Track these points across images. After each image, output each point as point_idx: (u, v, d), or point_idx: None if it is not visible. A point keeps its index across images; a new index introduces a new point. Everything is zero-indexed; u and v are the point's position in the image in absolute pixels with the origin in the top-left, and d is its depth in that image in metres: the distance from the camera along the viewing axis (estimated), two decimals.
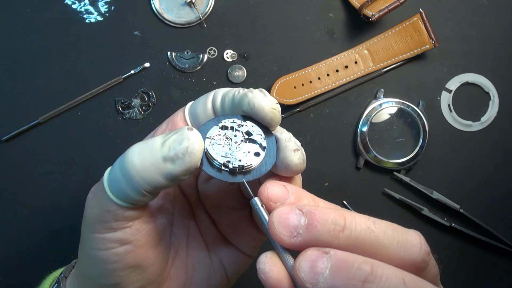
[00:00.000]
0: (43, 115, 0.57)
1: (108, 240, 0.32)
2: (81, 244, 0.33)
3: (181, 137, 0.29)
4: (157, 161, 0.29)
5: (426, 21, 0.57)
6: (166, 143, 0.29)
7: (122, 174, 0.29)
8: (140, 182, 0.29)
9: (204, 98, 0.34)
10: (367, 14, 0.56)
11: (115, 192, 0.30)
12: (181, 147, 0.28)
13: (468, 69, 0.60)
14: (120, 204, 0.30)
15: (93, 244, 0.32)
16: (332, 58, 0.59)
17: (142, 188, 0.29)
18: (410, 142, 0.60)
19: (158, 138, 0.29)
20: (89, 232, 0.32)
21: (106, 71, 0.58)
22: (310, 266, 0.24)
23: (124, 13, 0.59)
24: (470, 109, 0.61)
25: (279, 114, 0.32)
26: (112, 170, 0.30)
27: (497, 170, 0.61)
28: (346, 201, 0.60)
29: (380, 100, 0.60)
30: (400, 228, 0.27)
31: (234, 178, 0.31)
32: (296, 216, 0.26)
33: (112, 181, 0.30)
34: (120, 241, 0.32)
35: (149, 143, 0.29)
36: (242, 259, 0.39)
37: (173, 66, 0.59)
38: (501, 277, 0.60)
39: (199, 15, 0.58)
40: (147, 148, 0.29)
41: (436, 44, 0.58)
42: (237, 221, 0.38)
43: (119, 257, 0.32)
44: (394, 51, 0.59)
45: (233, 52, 0.59)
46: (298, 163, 0.31)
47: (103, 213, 0.31)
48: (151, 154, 0.29)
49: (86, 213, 0.32)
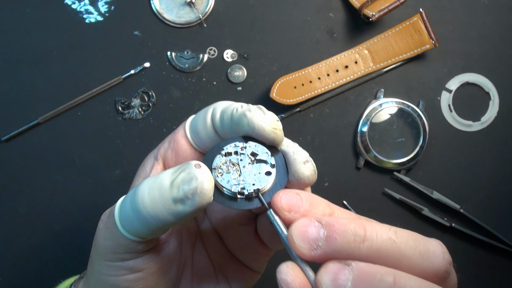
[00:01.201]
0: (43, 115, 0.57)
1: (119, 267, 0.32)
2: (91, 267, 0.33)
3: (189, 176, 0.28)
4: (167, 203, 0.28)
5: (426, 21, 0.57)
6: (175, 184, 0.28)
7: (133, 213, 0.29)
8: (151, 221, 0.29)
9: (204, 113, 0.33)
10: (367, 14, 0.56)
11: (127, 228, 0.30)
12: (190, 187, 0.28)
13: (468, 69, 0.60)
14: (133, 239, 0.30)
15: (104, 270, 0.32)
16: (332, 58, 0.59)
17: (154, 226, 0.29)
18: (410, 142, 0.60)
19: (167, 176, 0.29)
20: (100, 259, 0.32)
21: (106, 71, 0.58)
22: (332, 279, 0.24)
23: (124, 13, 0.59)
24: (470, 109, 0.61)
25: (281, 132, 0.31)
26: (123, 207, 0.30)
27: (497, 170, 0.61)
28: (346, 201, 0.60)
29: (380, 100, 0.60)
30: (422, 238, 0.26)
31: (251, 203, 0.30)
32: (315, 229, 0.26)
33: (123, 218, 0.30)
34: (131, 269, 0.32)
35: (158, 181, 0.29)
36: (250, 275, 0.39)
37: (173, 66, 0.59)
38: (501, 277, 0.60)
39: (199, 15, 0.58)
40: (157, 188, 0.28)
41: (436, 44, 0.58)
42: (243, 237, 0.37)
43: (130, 283, 0.32)
44: (394, 51, 0.59)
45: (233, 52, 0.59)
46: (309, 174, 0.31)
47: (116, 245, 0.31)
48: (161, 195, 0.28)
49: (98, 243, 0.32)
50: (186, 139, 0.34)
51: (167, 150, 0.35)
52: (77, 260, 0.57)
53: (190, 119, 0.35)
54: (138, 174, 0.36)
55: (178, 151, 0.34)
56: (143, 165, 0.36)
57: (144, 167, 0.36)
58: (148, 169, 0.35)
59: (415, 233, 0.26)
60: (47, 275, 0.58)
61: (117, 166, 0.58)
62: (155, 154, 0.35)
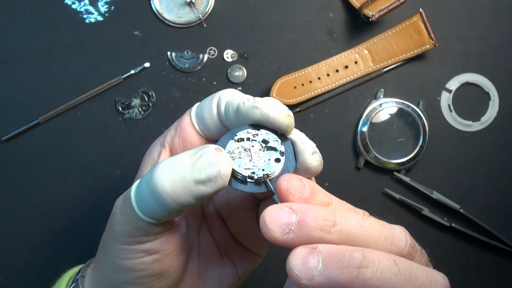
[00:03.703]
0: (43, 115, 0.57)
1: (136, 250, 0.32)
2: (106, 252, 0.34)
3: (211, 159, 0.29)
4: (188, 184, 0.29)
5: (426, 21, 0.57)
6: (196, 166, 0.29)
7: (151, 196, 0.30)
8: (171, 203, 0.29)
9: (209, 101, 0.34)
10: (367, 14, 0.56)
11: (144, 211, 0.31)
12: (213, 170, 0.29)
13: (468, 69, 0.60)
14: (150, 221, 0.31)
15: (121, 254, 0.32)
16: (332, 58, 0.59)
17: (173, 208, 0.30)
18: (410, 142, 0.60)
19: (186, 158, 0.29)
20: (117, 243, 0.32)
21: (106, 71, 0.58)
22: (302, 263, 0.25)
23: (124, 13, 0.59)
24: (470, 109, 0.61)
25: (293, 118, 0.32)
26: (140, 190, 0.31)
27: (497, 170, 0.61)
28: (346, 201, 0.60)
29: (380, 100, 0.60)
30: (387, 224, 0.29)
31: (259, 187, 0.31)
32: (287, 214, 0.27)
33: (140, 201, 0.31)
34: (148, 251, 0.33)
35: (177, 164, 0.29)
36: (252, 258, 0.40)
37: (173, 66, 0.59)
38: (501, 277, 0.60)
39: (199, 15, 0.58)
40: (177, 171, 0.29)
41: (436, 44, 0.58)
42: (246, 222, 0.38)
43: (146, 265, 0.33)
44: (394, 51, 0.59)
45: (233, 52, 0.59)
46: (316, 165, 0.32)
47: (133, 229, 0.32)
48: (182, 177, 0.29)
49: (115, 228, 0.32)
50: (192, 126, 0.35)
51: (174, 137, 0.35)
52: (77, 260, 0.57)
53: (196, 107, 0.36)
54: (145, 161, 0.37)
55: (186, 138, 0.35)
56: (149, 153, 0.37)
57: (151, 154, 0.36)
58: (156, 156, 0.36)
59: (381, 220, 0.29)
60: (47, 275, 0.58)
61: (117, 166, 0.59)
62: (161, 141, 0.36)
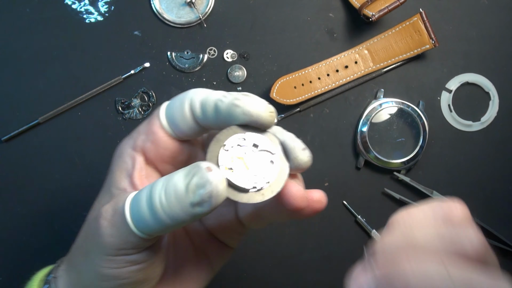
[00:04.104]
0: (43, 115, 0.57)
1: (123, 260, 0.32)
2: (88, 260, 0.33)
3: (202, 180, 0.29)
4: (185, 207, 0.29)
5: (426, 21, 0.57)
6: (190, 188, 0.29)
7: (151, 215, 0.30)
8: (168, 223, 0.30)
9: (180, 103, 0.33)
10: (367, 14, 0.56)
11: (140, 227, 0.31)
12: (205, 192, 0.28)
13: (468, 69, 0.60)
14: (144, 237, 0.31)
15: (106, 264, 0.32)
16: (332, 58, 0.59)
17: (171, 227, 0.30)
18: (410, 142, 0.60)
19: (180, 180, 0.29)
20: (103, 254, 0.32)
21: (106, 71, 0.58)
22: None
23: (124, 13, 0.59)
24: (470, 109, 0.61)
25: (275, 113, 0.32)
26: (137, 207, 0.31)
27: (497, 170, 0.61)
28: (346, 201, 0.60)
29: (380, 100, 0.60)
30: None
31: (263, 196, 0.31)
32: None
33: (137, 218, 0.30)
34: (135, 262, 0.32)
35: (172, 186, 0.29)
36: (226, 251, 0.40)
37: (173, 66, 0.59)
38: None
39: (199, 15, 0.58)
40: (173, 193, 0.29)
41: (436, 44, 0.58)
42: (224, 217, 0.38)
43: (132, 274, 0.33)
44: (394, 51, 0.59)
45: (233, 52, 0.59)
46: (307, 160, 0.32)
47: (123, 242, 0.31)
48: (178, 200, 0.29)
49: (103, 239, 0.32)
50: (163, 129, 0.34)
51: (145, 142, 0.34)
52: None
53: (164, 108, 0.34)
54: (117, 165, 0.35)
55: (158, 143, 0.34)
56: (121, 156, 0.35)
57: (123, 159, 0.35)
58: (129, 162, 0.35)
59: None
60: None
61: None
62: (131, 145, 0.35)
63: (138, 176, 0.34)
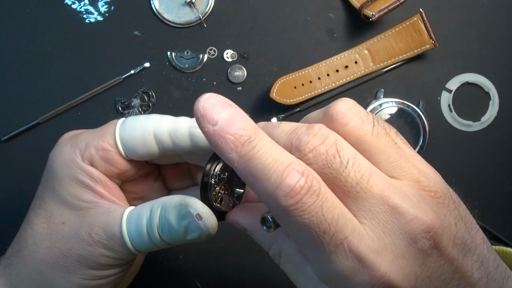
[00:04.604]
0: (43, 115, 0.57)
1: (111, 272, 0.35)
2: (67, 273, 0.34)
3: (194, 226, 0.32)
4: (180, 239, 0.33)
5: (426, 21, 0.57)
6: (184, 231, 0.32)
7: (150, 242, 0.33)
8: (166, 246, 0.34)
9: (141, 132, 0.34)
10: (367, 14, 0.56)
11: (136, 247, 0.34)
12: (197, 235, 0.32)
13: (468, 69, 0.60)
14: (138, 254, 0.35)
15: (91, 277, 0.34)
16: (332, 58, 0.59)
17: (166, 246, 0.34)
18: (410, 142, 0.60)
19: (174, 221, 0.32)
20: (89, 269, 0.34)
21: (106, 71, 0.58)
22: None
23: (124, 13, 0.59)
24: (470, 109, 0.61)
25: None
26: (138, 234, 0.34)
27: (497, 170, 0.61)
28: None
29: (380, 100, 0.60)
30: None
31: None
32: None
33: (135, 241, 0.33)
34: (122, 271, 0.35)
35: (167, 224, 0.32)
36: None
37: (173, 66, 0.59)
38: None
39: (199, 15, 0.58)
40: (168, 230, 0.32)
41: (436, 44, 0.58)
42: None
43: (117, 279, 0.36)
44: (394, 51, 0.59)
45: (233, 52, 0.59)
46: None
47: (117, 260, 0.35)
48: (175, 235, 0.33)
49: (96, 259, 0.34)
50: (116, 149, 0.35)
51: (94, 157, 0.35)
52: None
53: (119, 129, 0.35)
54: (65, 175, 0.35)
55: (109, 161, 0.35)
56: (68, 167, 0.35)
57: (73, 170, 0.35)
58: (82, 174, 0.35)
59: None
60: None
61: None
62: (80, 157, 0.35)
63: (102, 185, 0.35)
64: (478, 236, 0.28)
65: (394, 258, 0.25)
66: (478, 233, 0.29)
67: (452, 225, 0.27)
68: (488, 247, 0.28)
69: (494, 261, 0.28)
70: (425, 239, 0.25)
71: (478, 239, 0.28)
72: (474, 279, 0.26)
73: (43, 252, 0.34)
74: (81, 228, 0.34)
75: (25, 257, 0.35)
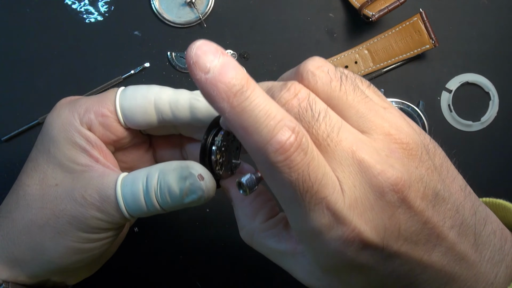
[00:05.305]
0: (43, 115, 0.57)
1: (102, 236, 0.35)
2: (60, 237, 0.34)
3: (194, 187, 0.32)
4: (178, 203, 0.33)
5: (426, 21, 0.57)
6: (184, 192, 0.32)
7: (147, 206, 0.33)
8: (162, 211, 0.34)
9: (142, 101, 0.35)
10: (367, 14, 0.56)
11: (131, 212, 0.34)
12: (197, 197, 0.32)
13: (468, 69, 0.60)
14: (131, 219, 0.35)
15: (82, 240, 0.34)
16: (332, 58, 0.59)
17: (161, 212, 0.34)
18: None
19: (174, 182, 0.32)
20: (81, 232, 0.34)
21: (106, 71, 0.58)
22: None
23: (124, 13, 0.59)
24: (470, 109, 0.61)
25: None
26: (134, 198, 0.33)
27: (497, 170, 0.61)
28: None
29: None
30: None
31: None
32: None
33: (130, 206, 0.34)
34: (113, 235, 0.35)
35: (166, 187, 0.33)
36: None
37: (173, 66, 0.59)
38: None
39: (199, 15, 0.58)
40: (167, 193, 0.33)
41: (436, 44, 0.58)
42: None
43: (106, 245, 0.36)
44: (394, 51, 0.59)
45: (233, 52, 0.59)
46: None
47: (110, 224, 0.34)
48: (173, 199, 0.33)
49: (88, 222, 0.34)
50: (116, 118, 0.36)
51: (93, 122, 0.35)
52: None
53: (118, 98, 0.36)
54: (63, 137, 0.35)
55: (107, 127, 0.36)
56: (66, 130, 0.35)
57: (70, 133, 0.35)
58: (80, 137, 0.35)
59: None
60: None
61: None
62: (78, 120, 0.35)
63: (98, 150, 0.36)
64: (454, 184, 0.29)
65: (364, 211, 0.26)
66: (455, 181, 0.30)
67: (423, 175, 0.27)
68: (466, 194, 0.30)
69: (471, 208, 0.29)
70: (393, 192, 0.26)
71: (455, 187, 0.29)
72: (445, 228, 0.27)
73: (34, 213, 0.34)
74: (75, 190, 0.34)
75: (15, 218, 0.35)
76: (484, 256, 0.29)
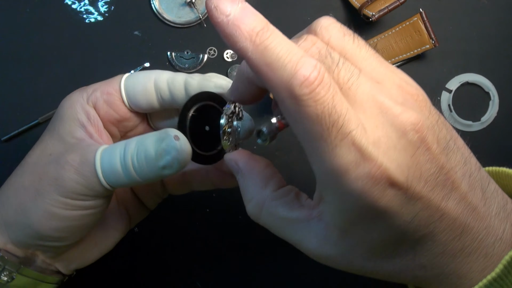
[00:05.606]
0: (43, 115, 0.57)
1: (79, 204, 0.35)
2: (40, 199, 0.35)
3: (168, 147, 0.33)
4: (155, 169, 0.33)
5: (426, 21, 0.57)
6: (158, 153, 0.33)
7: (124, 173, 0.34)
8: (139, 180, 0.34)
9: (143, 82, 0.38)
10: (367, 14, 0.56)
11: (109, 180, 0.34)
12: (171, 158, 0.33)
13: (468, 69, 0.60)
14: (109, 189, 0.35)
15: (61, 205, 0.35)
16: None
17: (138, 182, 0.34)
18: None
19: (151, 144, 0.33)
20: (60, 195, 0.34)
21: (106, 71, 0.58)
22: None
23: (124, 13, 0.59)
24: (470, 109, 0.61)
25: None
26: (111, 163, 0.34)
27: None
28: None
29: None
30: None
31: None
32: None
33: (107, 172, 0.34)
34: (90, 207, 0.36)
35: (143, 151, 0.33)
36: (144, 211, 0.45)
37: (173, 66, 0.59)
38: None
39: (199, 15, 0.58)
40: (144, 157, 0.33)
41: (436, 44, 0.58)
42: None
43: (83, 217, 0.36)
44: (394, 51, 0.59)
45: (233, 52, 0.59)
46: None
47: (87, 190, 0.35)
48: (149, 163, 0.33)
49: (64, 183, 0.34)
50: (120, 97, 0.38)
51: (98, 99, 0.38)
52: None
53: (124, 80, 0.39)
54: (68, 114, 0.38)
55: (111, 104, 0.39)
56: (72, 107, 0.38)
57: (75, 109, 0.38)
58: (82, 113, 0.38)
59: None
60: None
61: None
62: (85, 98, 0.38)
63: (94, 127, 0.38)
64: (459, 140, 0.31)
65: (387, 149, 0.26)
66: (459, 138, 0.31)
67: (434, 125, 0.28)
68: (469, 151, 0.31)
69: (476, 164, 0.31)
70: (414, 131, 0.27)
71: (460, 142, 0.31)
72: (458, 176, 0.28)
73: (25, 177, 0.37)
74: (62, 156, 0.36)
75: (9, 182, 0.38)
76: (491, 211, 0.29)
